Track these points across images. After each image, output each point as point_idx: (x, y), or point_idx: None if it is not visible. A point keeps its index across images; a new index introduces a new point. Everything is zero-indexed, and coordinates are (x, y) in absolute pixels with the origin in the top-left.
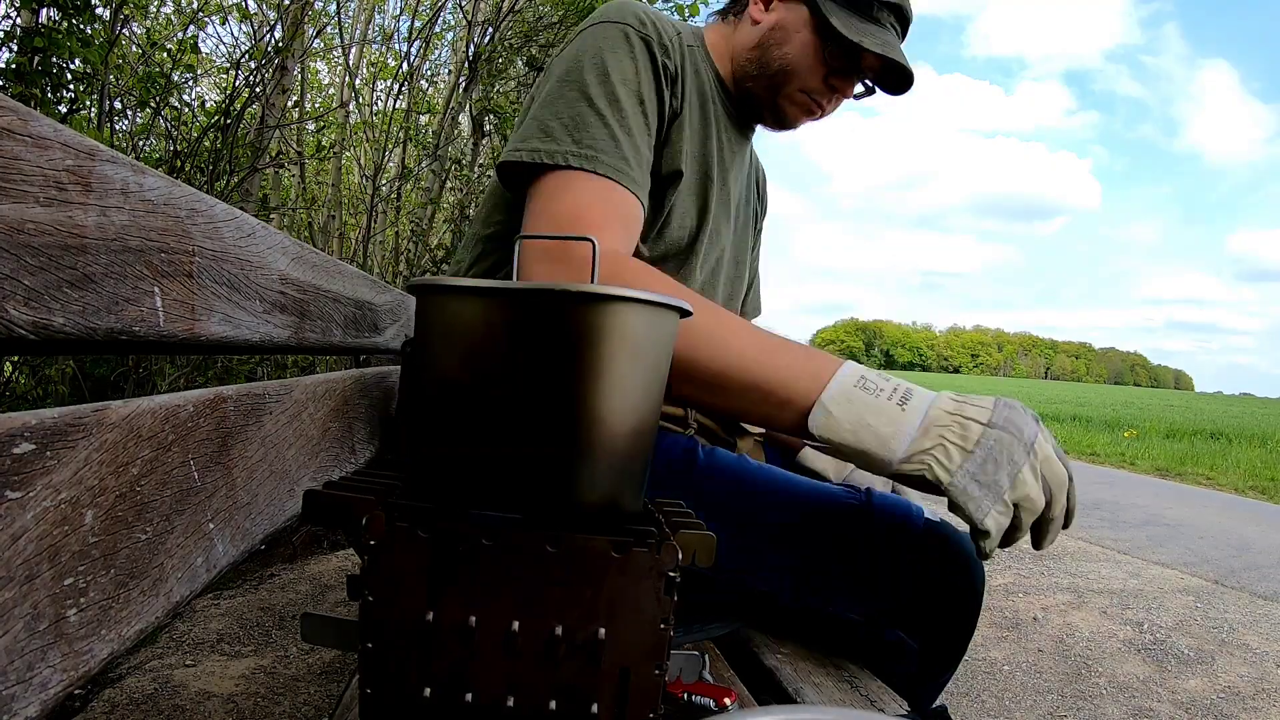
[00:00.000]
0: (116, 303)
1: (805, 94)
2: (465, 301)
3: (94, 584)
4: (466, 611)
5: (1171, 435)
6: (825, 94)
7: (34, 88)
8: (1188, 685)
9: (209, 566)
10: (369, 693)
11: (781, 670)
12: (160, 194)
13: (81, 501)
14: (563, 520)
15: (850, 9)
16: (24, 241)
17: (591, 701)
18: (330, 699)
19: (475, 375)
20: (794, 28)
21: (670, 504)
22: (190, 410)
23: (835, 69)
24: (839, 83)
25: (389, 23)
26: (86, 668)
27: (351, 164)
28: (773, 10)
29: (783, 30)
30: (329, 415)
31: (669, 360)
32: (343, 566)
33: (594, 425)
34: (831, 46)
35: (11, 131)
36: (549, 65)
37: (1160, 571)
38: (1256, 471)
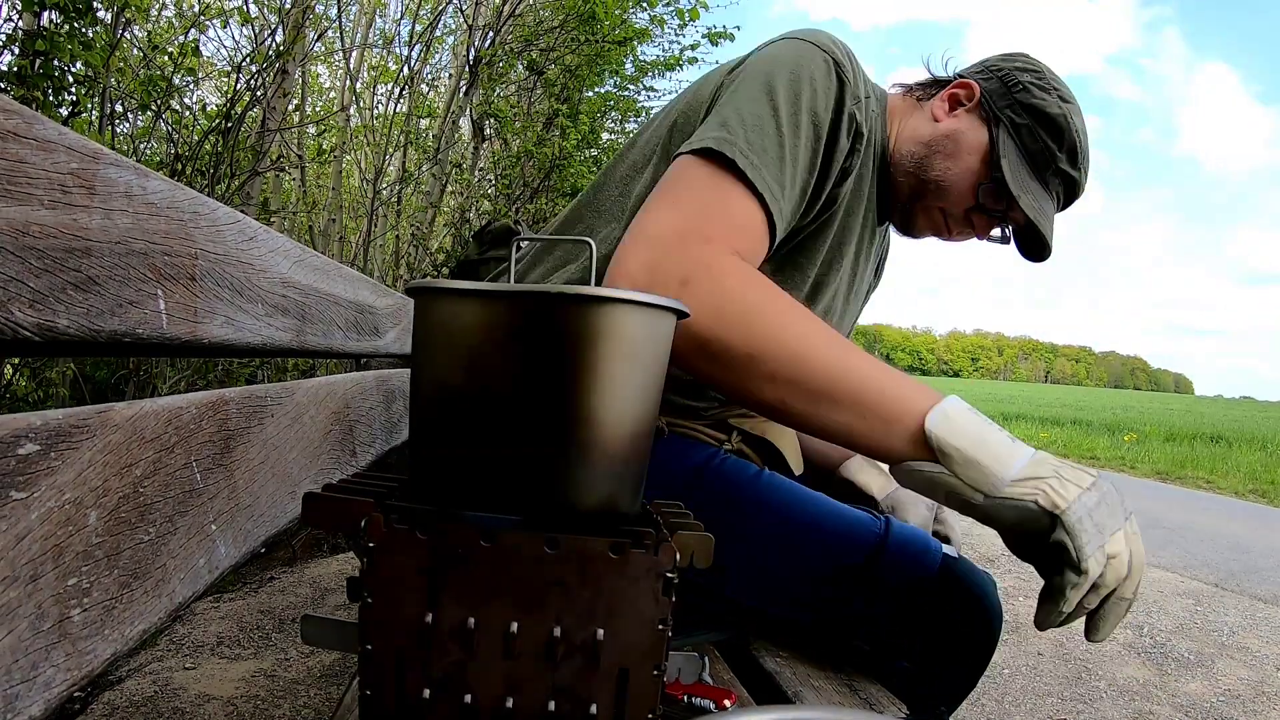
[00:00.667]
0: (120, 305)
1: (943, 214)
2: (463, 304)
3: (97, 584)
4: (465, 613)
5: (1171, 439)
6: (960, 224)
7: (36, 90)
8: (1188, 688)
9: (211, 568)
10: (369, 694)
11: (781, 673)
12: (163, 197)
13: (85, 502)
14: (561, 522)
15: (1026, 159)
16: (29, 244)
17: (590, 702)
18: (330, 701)
19: (474, 377)
20: (967, 149)
21: (669, 505)
22: (193, 412)
23: (983, 208)
24: (979, 220)
25: (390, 27)
26: (90, 667)
27: (352, 168)
28: (956, 117)
29: (955, 144)
30: (330, 418)
31: (666, 361)
32: (343, 569)
33: (592, 426)
34: (990, 186)
35: (16, 134)
36: (743, 64)
37: (1160, 575)
38: (1257, 475)
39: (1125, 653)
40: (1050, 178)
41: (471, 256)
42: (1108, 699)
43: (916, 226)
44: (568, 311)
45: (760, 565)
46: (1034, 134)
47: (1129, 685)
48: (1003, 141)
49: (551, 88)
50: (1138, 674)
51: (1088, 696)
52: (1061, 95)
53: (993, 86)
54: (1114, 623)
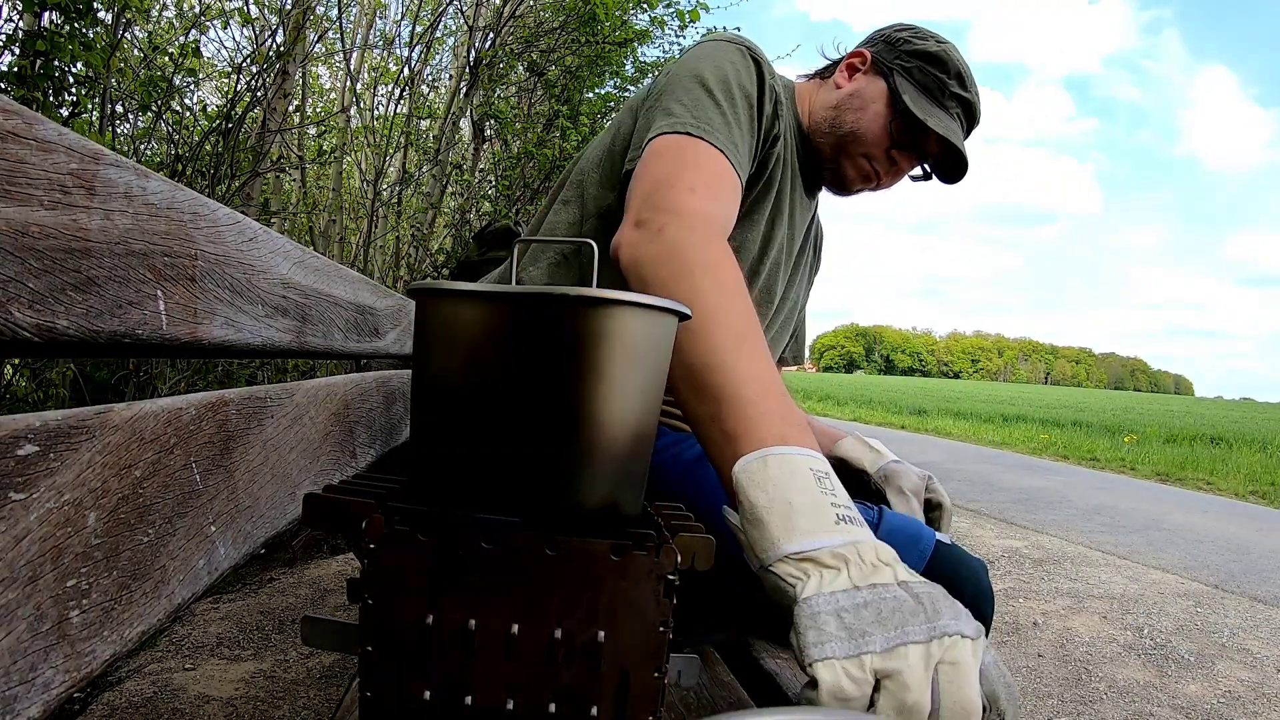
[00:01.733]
0: (120, 306)
1: (866, 160)
2: (464, 305)
3: (96, 585)
4: (466, 614)
5: (1171, 440)
6: (885, 164)
7: (36, 91)
8: (1188, 690)
9: (210, 569)
10: (369, 696)
11: (781, 674)
12: (163, 198)
13: (84, 503)
14: (562, 523)
15: (924, 92)
16: (29, 245)
17: (591, 704)
18: (330, 703)
19: (475, 378)
20: (870, 98)
21: (669, 507)
22: (193, 413)
23: (899, 143)
24: (899, 157)
25: (390, 28)
26: (89, 669)
27: (352, 168)
28: (855, 80)
29: (860, 98)
30: (330, 419)
31: (668, 363)
32: (343, 570)
33: (593, 428)
34: (899, 121)
35: (16, 135)
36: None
37: (1160, 576)
38: (1257, 476)
39: (1125, 654)
40: (948, 103)
41: (472, 257)
42: (1108, 700)
43: (848, 179)
44: (569, 313)
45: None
46: (924, 71)
47: (1129, 686)
48: (899, 84)
49: (552, 89)
50: (1138, 675)
51: (1087, 698)
52: (937, 39)
53: (879, 49)
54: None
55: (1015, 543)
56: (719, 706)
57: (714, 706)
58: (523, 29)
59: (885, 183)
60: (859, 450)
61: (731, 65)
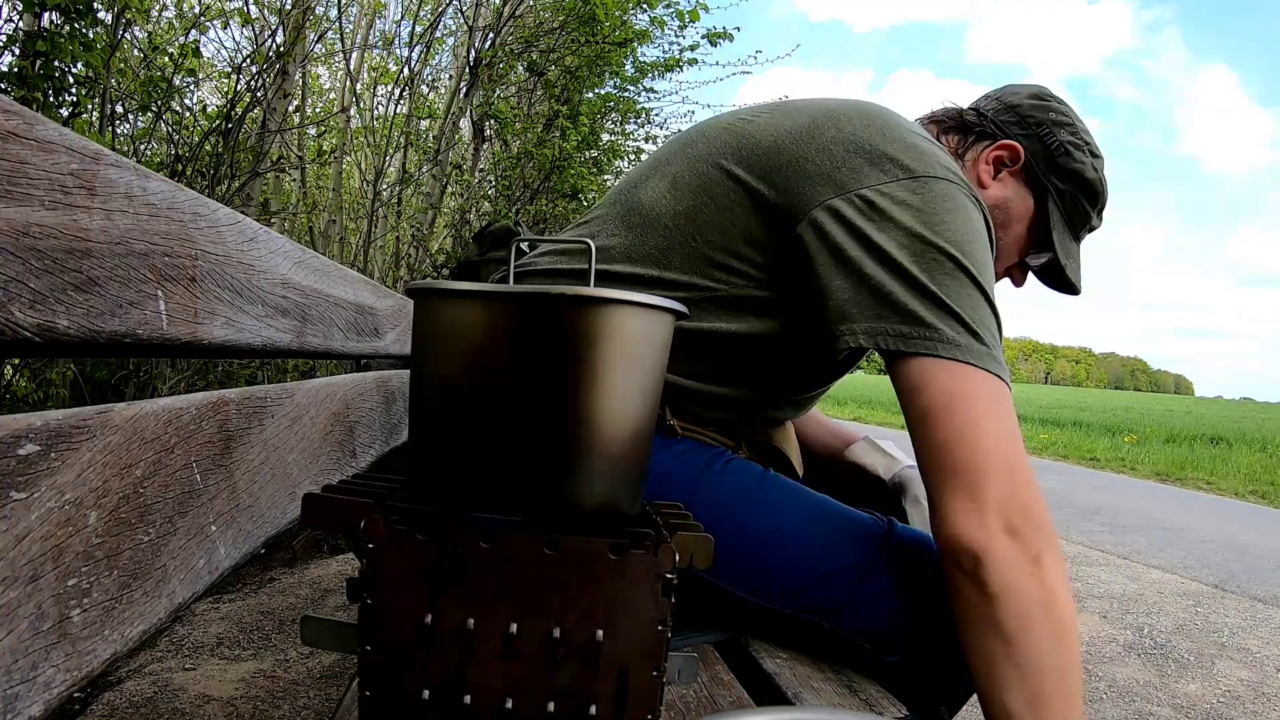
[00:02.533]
0: (120, 306)
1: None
2: (463, 305)
3: (97, 585)
4: (465, 614)
5: (1171, 440)
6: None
7: (36, 91)
8: (1187, 689)
9: (211, 569)
10: (368, 695)
11: (781, 674)
12: (164, 198)
13: (85, 503)
14: (561, 523)
15: (1068, 224)
16: (29, 245)
17: (590, 703)
18: (330, 702)
19: (473, 378)
20: (1017, 217)
21: (668, 506)
22: (193, 413)
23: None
24: (1016, 273)
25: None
26: (90, 668)
27: (352, 169)
28: (1001, 182)
29: (1006, 214)
30: (330, 419)
31: (665, 363)
32: (343, 570)
33: (591, 428)
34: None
35: (17, 135)
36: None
37: (1160, 576)
38: (1256, 476)
39: (1125, 653)
40: (1083, 233)
41: (472, 258)
42: (1107, 700)
43: None
44: (567, 313)
45: (766, 564)
46: (1075, 200)
47: (1129, 686)
48: (1051, 212)
49: (552, 89)
50: (1137, 675)
51: (1087, 697)
52: (1093, 151)
53: (1035, 149)
54: None
55: None
56: (718, 706)
57: (714, 706)
58: (522, 29)
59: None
60: (871, 456)
61: (980, 239)
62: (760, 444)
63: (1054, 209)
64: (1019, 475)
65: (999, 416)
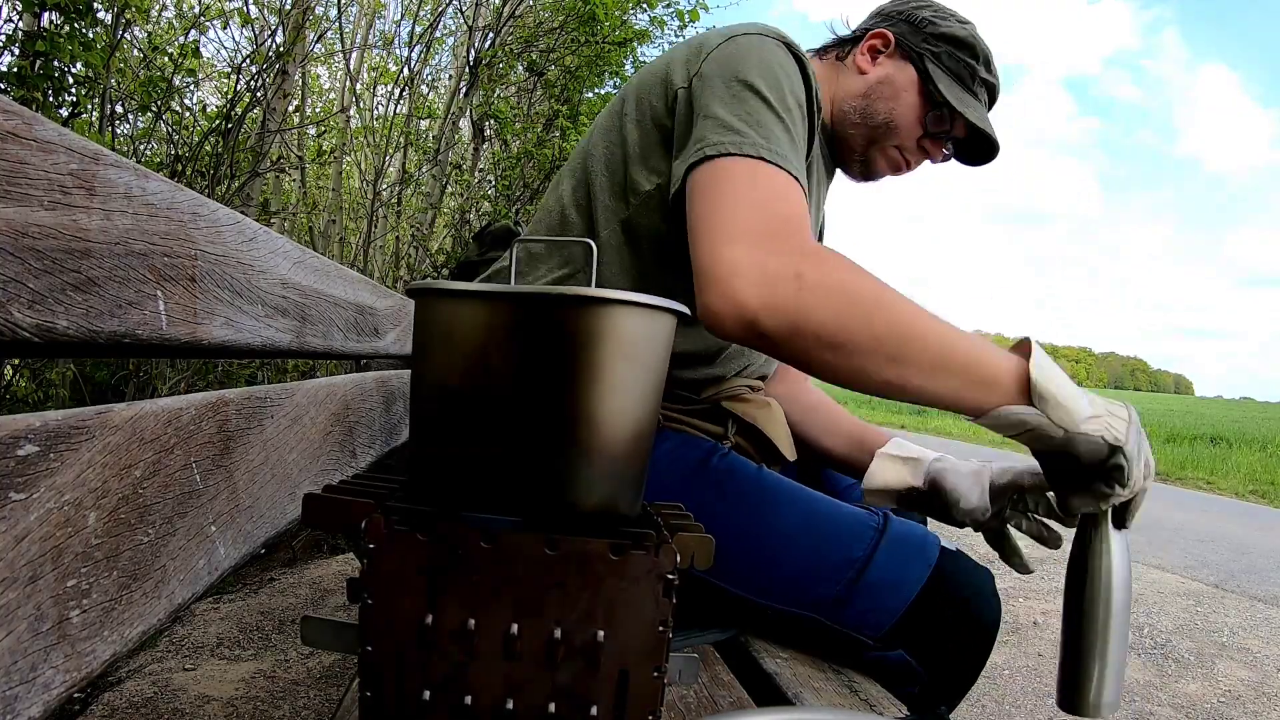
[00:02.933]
0: (119, 306)
1: (898, 151)
2: (463, 305)
3: (96, 585)
4: (466, 614)
5: (1172, 440)
6: (915, 154)
7: (36, 91)
8: (1188, 689)
9: (210, 569)
10: (369, 695)
11: (781, 674)
12: (163, 198)
13: (84, 503)
14: (561, 523)
15: (955, 79)
16: (28, 245)
17: (591, 704)
18: (330, 703)
19: (474, 379)
20: (902, 86)
21: (669, 507)
22: (192, 413)
23: (932, 133)
24: (930, 146)
25: (389, 28)
26: (89, 669)
27: (352, 169)
28: (880, 65)
29: (890, 86)
30: (330, 419)
31: (667, 362)
32: (343, 570)
33: (592, 428)
34: (935, 112)
35: (16, 135)
36: (700, 71)
37: (1160, 575)
38: (1256, 476)
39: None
40: (976, 88)
41: (472, 257)
42: None
43: (876, 170)
44: (567, 312)
45: (762, 563)
46: (953, 57)
47: (1129, 686)
48: (932, 71)
49: (551, 89)
50: (1138, 675)
51: None
52: (958, 18)
53: (901, 29)
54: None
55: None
56: (719, 706)
57: (714, 706)
58: (522, 29)
59: (913, 169)
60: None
61: (782, 69)
62: (748, 427)
63: (934, 67)
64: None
65: (748, 192)
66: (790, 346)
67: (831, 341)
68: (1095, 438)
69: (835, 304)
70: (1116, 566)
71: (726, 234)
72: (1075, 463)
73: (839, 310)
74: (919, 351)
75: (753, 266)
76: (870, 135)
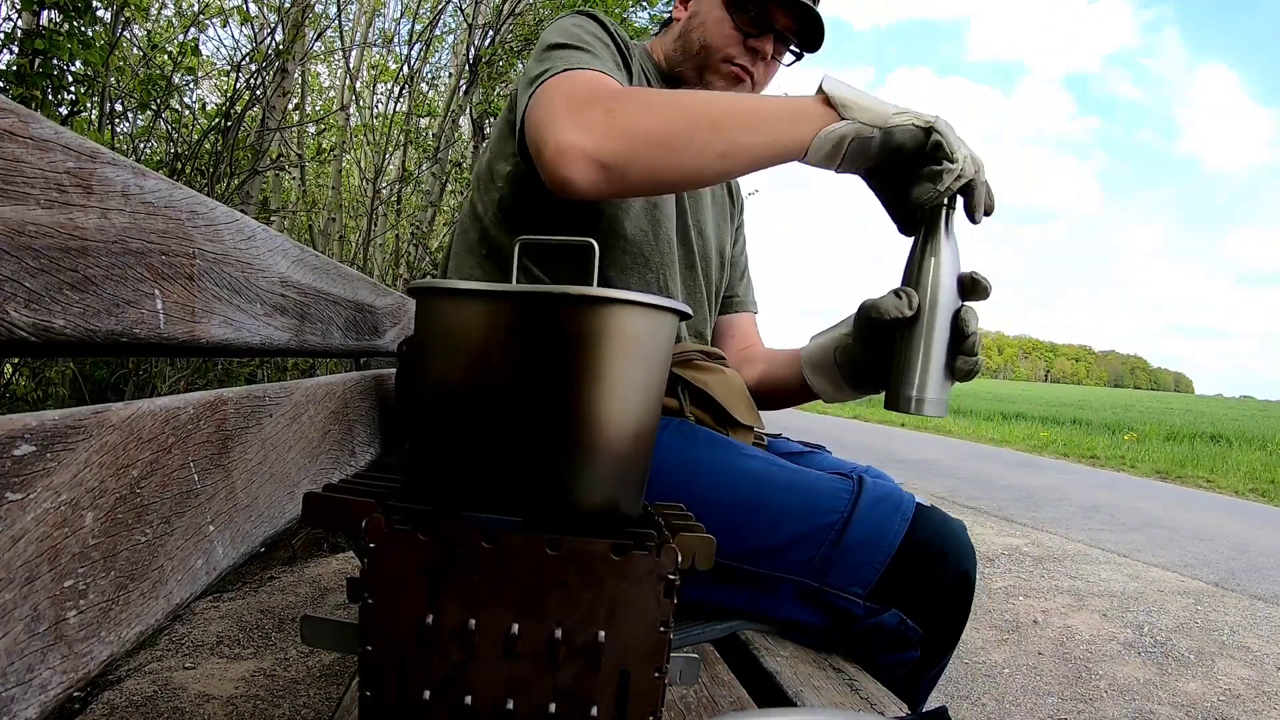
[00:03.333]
0: (117, 305)
1: (728, 63)
2: (465, 304)
3: (94, 586)
4: (466, 614)
5: (1171, 438)
6: (748, 58)
7: (35, 90)
8: (1188, 688)
9: (209, 569)
10: (368, 695)
11: (781, 674)
12: (161, 196)
13: (81, 503)
14: (562, 523)
15: None
16: (25, 244)
17: (591, 704)
18: (330, 702)
19: (475, 378)
20: (707, 9)
21: (670, 507)
22: (190, 413)
23: (749, 34)
24: (757, 44)
25: (389, 26)
26: (86, 670)
27: (352, 167)
28: (689, 4)
29: (698, 16)
30: (329, 418)
31: (668, 362)
32: (343, 569)
33: (593, 428)
34: (739, 13)
35: (13, 134)
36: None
37: (1160, 574)
38: (1256, 474)
39: (1125, 652)
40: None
41: None
42: (1108, 698)
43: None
44: (570, 312)
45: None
46: None
47: (1129, 684)
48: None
49: None
50: (1138, 673)
51: (1087, 696)
52: None
53: None
54: (984, 199)
55: (1015, 540)
56: (719, 706)
57: (714, 706)
58: (522, 26)
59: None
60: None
61: (577, 25)
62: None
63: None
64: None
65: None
66: (634, 164)
67: (660, 138)
68: (906, 124)
69: (648, 110)
70: (943, 267)
71: (549, 119)
72: (901, 155)
73: (652, 112)
74: (735, 114)
75: (573, 124)
76: (696, 63)
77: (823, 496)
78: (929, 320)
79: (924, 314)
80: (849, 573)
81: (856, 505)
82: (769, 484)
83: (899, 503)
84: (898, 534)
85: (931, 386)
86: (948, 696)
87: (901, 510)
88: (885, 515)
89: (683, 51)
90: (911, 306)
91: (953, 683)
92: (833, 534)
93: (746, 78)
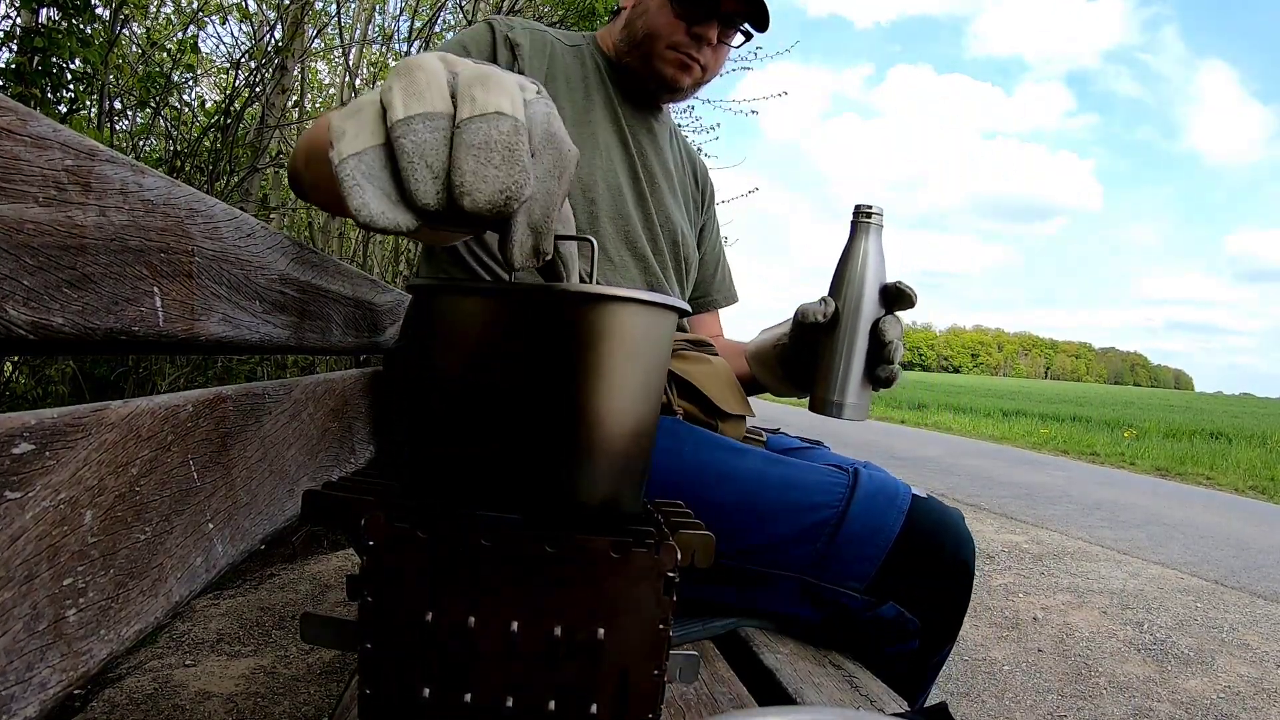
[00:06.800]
0: (116, 303)
1: (673, 50)
2: (464, 301)
3: (93, 584)
4: (466, 612)
5: (1171, 435)
6: (693, 45)
7: (34, 88)
8: (1188, 685)
9: (208, 567)
10: (368, 693)
11: (781, 670)
12: (160, 194)
13: (80, 502)
14: (562, 521)
15: None
16: (23, 241)
17: (591, 702)
18: (330, 699)
19: (474, 375)
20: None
21: (670, 504)
22: (190, 410)
23: (692, 18)
24: (702, 30)
25: (389, 23)
26: (85, 668)
27: None
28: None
29: (641, 3)
30: (328, 415)
31: (668, 360)
32: (342, 566)
33: (593, 425)
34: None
35: (11, 131)
36: None
37: (1160, 571)
38: (1256, 471)
39: (1126, 649)
40: None
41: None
42: (1108, 696)
43: (668, 77)
44: (570, 310)
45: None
46: None
47: (1129, 682)
48: None
49: None
50: (1138, 671)
51: (1088, 693)
52: None
53: None
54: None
55: (1015, 538)
56: (719, 703)
57: (714, 703)
58: None
59: (707, 61)
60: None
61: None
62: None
63: None
64: None
65: None
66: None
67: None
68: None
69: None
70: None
71: None
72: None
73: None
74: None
75: None
76: (642, 52)
77: (818, 492)
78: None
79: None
80: (847, 567)
81: (852, 499)
82: (762, 483)
83: (895, 495)
84: (895, 526)
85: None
86: (948, 693)
87: (898, 502)
88: (881, 508)
89: (628, 41)
90: (827, 314)
91: (953, 679)
92: (829, 529)
93: (694, 64)
